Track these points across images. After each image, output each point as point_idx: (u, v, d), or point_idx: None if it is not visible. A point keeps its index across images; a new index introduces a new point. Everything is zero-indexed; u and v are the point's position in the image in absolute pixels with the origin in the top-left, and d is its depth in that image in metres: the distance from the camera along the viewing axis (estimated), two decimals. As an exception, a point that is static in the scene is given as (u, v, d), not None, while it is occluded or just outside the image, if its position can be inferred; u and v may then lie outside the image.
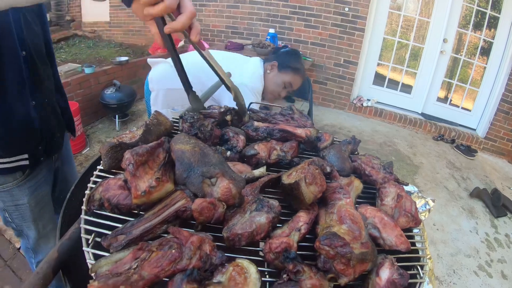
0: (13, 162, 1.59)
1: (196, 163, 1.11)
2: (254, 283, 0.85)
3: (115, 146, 1.24)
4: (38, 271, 1.02)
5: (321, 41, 6.45)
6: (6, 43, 1.40)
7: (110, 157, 1.23)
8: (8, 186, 1.65)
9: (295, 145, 1.49)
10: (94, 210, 1.11)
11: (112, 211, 1.09)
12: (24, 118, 1.55)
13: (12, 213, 1.77)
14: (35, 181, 1.75)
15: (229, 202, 1.07)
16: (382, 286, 0.97)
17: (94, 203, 1.11)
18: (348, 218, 1.05)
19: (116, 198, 1.08)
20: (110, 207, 1.08)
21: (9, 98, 1.47)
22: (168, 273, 0.88)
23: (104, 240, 0.98)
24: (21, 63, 1.47)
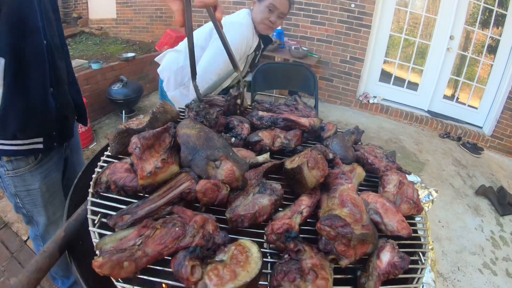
0: (28, 145, 1.63)
1: (201, 147, 1.13)
2: (255, 262, 0.86)
3: (122, 132, 1.27)
4: (44, 250, 1.05)
5: (327, 37, 6.43)
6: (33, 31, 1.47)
7: (118, 143, 1.26)
8: (20, 171, 1.69)
9: (299, 134, 1.50)
10: (100, 193, 1.14)
11: (118, 193, 1.11)
12: (42, 103, 1.60)
13: (24, 198, 1.81)
14: (47, 167, 1.79)
15: (233, 185, 1.09)
16: (382, 268, 0.99)
17: (101, 185, 1.14)
18: (349, 201, 1.07)
19: (122, 180, 1.10)
20: (117, 189, 1.11)
21: (32, 81, 1.53)
22: (171, 251, 0.91)
23: (109, 220, 1.00)
24: (44, 52, 1.53)
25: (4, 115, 1.50)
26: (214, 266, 0.85)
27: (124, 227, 0.98)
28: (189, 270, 0.82)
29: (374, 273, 0.96)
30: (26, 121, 1.57)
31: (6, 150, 1.61)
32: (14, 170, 1.68)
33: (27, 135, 1.61)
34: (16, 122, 1.54)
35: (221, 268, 0.84)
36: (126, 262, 0.84)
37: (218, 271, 0.83)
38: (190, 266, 0.82)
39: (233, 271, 0.84)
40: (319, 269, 0.88)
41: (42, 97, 1.59)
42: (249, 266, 0.86)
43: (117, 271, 0.83)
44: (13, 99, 1.49)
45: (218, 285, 0.80)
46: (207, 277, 0.82)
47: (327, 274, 0.89)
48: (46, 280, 2.70)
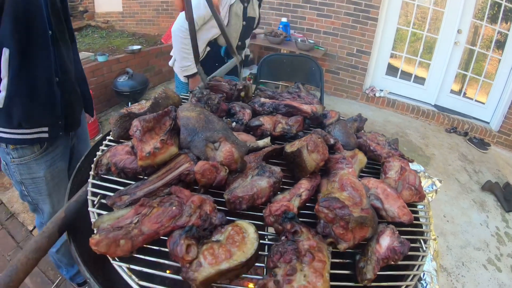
0: (34, 134, 1.65)
1: (200, 129, 1.13)
2: (251, 243, 0.86)
3: (124, 116, 1.28)
4: (44, 230, 1.05)
5: (334, 30, 6.37)
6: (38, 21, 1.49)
7: (119, 127, 1.27)
8: (26, 159, 1.71)
9: (301, 120, 1.49)
10: (101, 175, 1.15)
11: (118, 176, 1.13)
12: (47, 93, 1.62)
13: (29, 186, 1.83)
14: (52, 155, 1.81)
15: (232, 167, 1.08)
16: (382, 253, 0.97)
17: (102, 167, 1.15)
18: (349, 185, 1.05)
19: (122, 162, 1.11)
20: (117, 172, 1.12)
21: (36, 71, 1.55)
22: (167, 230, 0.91)
23: (108, 200, 1.01)
24: (48, 41, 1.55)
25: (9, 104, 1.52)
26: (209, 245, 0.85)
27: (123, 207, 0.98)
28: (184, 249, 0.81)
29: (373, 258, 0.95)
30: (31, 110, 1.59)
31: (11, 139, 1.63)
32: (19, 158, 1.70)
33: (32, 124, 1.63)
34: (21, 111, 1.56)
35: (217, 247, 0.84)
36: (123, 240, 0.84)
37: (214, 250, 0.83)
38: (186, 245, 0.82)
39: (229, 251, 0.83)
40: (316, 251, 0.87)
41: (47, 87, 1.61)
42: (245, 246, 0.85)
43: (113, 249, 0.84)
44: (18, 88, 1.52)
45: (212, 264, 0.80)
46: (202, 256, 0.82)
47: (325, 257, 0.87)
48: (51, 269, 2.74)
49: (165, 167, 1.10)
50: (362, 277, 0.92)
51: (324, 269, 0.84)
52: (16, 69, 1.47)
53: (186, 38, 2.65)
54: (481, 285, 3.16)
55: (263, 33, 6.16)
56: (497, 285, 3.19)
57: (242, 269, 0.84)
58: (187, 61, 2.77)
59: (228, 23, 2.80)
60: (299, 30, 6.58)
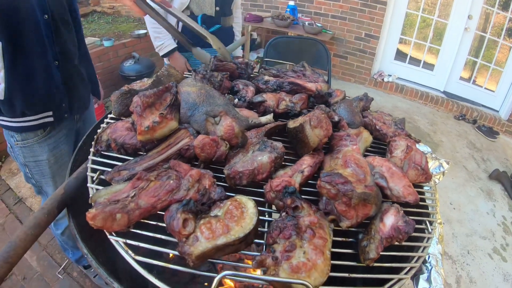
0: (39, 120, 1.67)
1: (201, 103, 1.12)
2: (250, 218, 0.84)
3: (125, 92, 1.27)
4: (43, 206, 1.05)
5: (342, 14, 6.25)
6: (23, 7, 1.46)
7: (120, 104, 1.27)
8: (29, 142, 1.73)
9: (305, 97, 1.45)
10: (101, 152, 1.15)
11: (118, 152, 1.12)
12: (47, 78, 1.62)
13: (32, 169, 1.84)
14: (55, 139, 1.81)
15: (232, 142, 1.06)
16: (385, 232, 0.94)
17: (102, 144, 1.15)
18: (353, 162, 1.02)
19: (122, 138, 1.11)
20: (117, 148, 1.11)
21: (32, 58, 1.55)
22: (164, 204, 0.89)
23: (106, 174, 1.01)
24: (40, 26, 1.53)
25: (9, 95, 1.53)
26: (207, 220, 0.83)
27: (121, 182, 0.97)
28: (180, 222, 0.80)
29: (377, 237, 0.92)
30: (32, 98, 1.60)
31: (18, 127, 1.65)
32: (23, 141, 1.71)
33: (36, 111, 1.65)
34: (22, 100, 1.57)
35: (215, 222, 0.83)
36: (119, 214, 0.83)
37: (211, 225, 0.82)
38: (182, 219, 0.81)
39: (226, 226, 0.82)
40: (317, 228, 0.85)
41: (46, 72, 1.61)
42: (243, 221, 0.83)
43: (110, 223, 0.83)
44: (16, 79, 1.52)
45: (209, 238, 0.79)
46: (199, 230, 0.81)
47: (326, 234, 0.85)
48: (58, 252, 2.76)
49: (164, 142, 1.10)
50: (365, 256, 0.89)
51: (325, 246, 0.82)
52: (11, 60, 1.47)
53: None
54: (486, 274, 3.13)
55: (270, 17, 6.09)
56: (501, 275, 3.16)
57: (240, 245, 0.83)
58: (159, 40, 2.69)
59: None
60: (306, 13, 6.47)
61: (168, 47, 2.71)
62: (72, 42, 1.77)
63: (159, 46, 2.71)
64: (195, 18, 2.69)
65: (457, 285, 2.96)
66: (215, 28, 2.81)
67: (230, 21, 3.00)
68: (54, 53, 1.62)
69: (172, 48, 2.72)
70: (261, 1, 6.82)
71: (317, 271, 0.77)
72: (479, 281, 3.05)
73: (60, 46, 1.64)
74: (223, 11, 2.84)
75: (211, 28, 2.78)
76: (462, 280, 3.02)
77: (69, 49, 1.73)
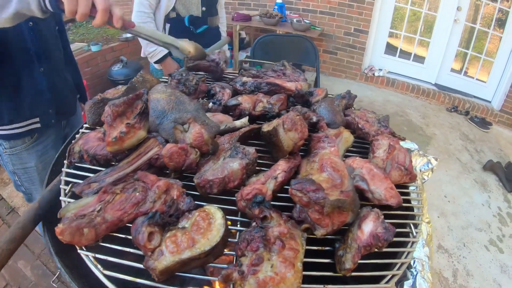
0: (26, 126, 1.67)
1: (170, 110, 1.07)
2: (217, 230, 0.81)
3: (97, 102, 1.25)
4: (19, 220, 1.03)
5: (330, 9, 6.21)
6: None
7: (93, 113, 1.25)
8: (17, 150, 1.72)
9: (283, 98, 1.40)
10: (75, 163, 1.14)
11: (91, 163, 1.11)
12: (33, 83, 1.62)
13: (21, 176, 1.83)
14: (43, 145, 1.81)
15: (203, 149, 1.02)
16: (363, 240, 0.89)
17: (74, 155, 1.13)
18: (329, 166, 0.97)
19: (93, 149, 1.09)
20: (89, 159, 1.10)
21: (16, 66, 1.54)
22: (131, 217, 0.88)
23: (76, 187, 1.00)
24: (24, 33, 1.52)
25: None
26: (173, 233, 0.82)
27: (91, 194, 0.96)
28: (145, 236, 0.79)
29: (353, 245, 0.87)
30: (18, 105, 1.59)
31: (6, 135, 1.65)
32: (11, 149, 1.71)
33: (23, 118, 1.64)
34: (9, 108, 1.57)
35: (180, 235, 0.81)
36: (86, 229, 0.83)
37: (176, 238, 0.80)
38: (147, 233, 0.80)
39: (192, 239, 0.80)
40: (288, 238, 0.80)
41: (30, 79, 1.60)
42: (210, 233, 0.81)
43: (78, 238, 0.82)
44: (1, 86, 1.52)
45: (173, 252, 0.77)
46: (164, 244, 0.79)
47: (298, 244, 0.80)
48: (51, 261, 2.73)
49: (135, 152, 1.08)
50: (341, 267, 0.85)
51: (296, 258, 0.78)
52: None
53: (145, 23, 2.58)
54: (483, 267, 3.11)
55: (258, 15, 6.05)
56: (498, 267, 3.14)
57: (207, 258, 0.81)
58: (151, 46, 2.66)
59: None
60: (294, 10, 6.43)
61: (160, 53, 2.68)
62: (57, 49, 1.76)
63: (151, 52, 2.68)
64: (181, 19, 2.70)
65: (454, 279, 2.93)
66: (202, 28, 2.81)
67: (217, 21, 3.00)
68: (39, 59, 1.61)
69: (164, 54, 2.69)
70: (249, 0, 6.78)
71: (286, 285, 0.73)
72: (476, 273, 3.02)
73: (45, 53, 1.64)
74: (209, 11, 2.85)
75: (199, 29, 2.78)
76: (458, 273, 2.99)
77: (54, 56, 1.73)
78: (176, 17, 2.71)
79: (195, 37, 2.73)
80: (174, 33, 2.69)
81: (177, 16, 2.70)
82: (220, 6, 3.06)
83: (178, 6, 2.67)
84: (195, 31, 2.78)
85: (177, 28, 2.73)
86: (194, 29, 2.77)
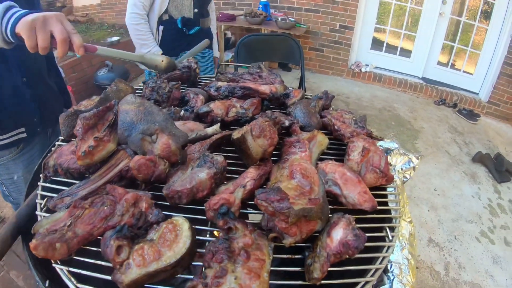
0: (12, 137, 1.65)
1: (138, 121, 1.06)
2: (184, 242, 0.81)
3: (71, 114, 1.25)
4: None
5: (315, 7, 6.22)
6: None
7: (68, 125, 1.25)
8: (3, 160, 1.70)
9: (257, 102, 1.38)
10: (51, 177, 1.15)
11: (65, 176, 1.12)
12: (14, 95, 1.59)
13: (9, 186, 1.82)
14: (29, 155, 1.79)
15: (171, 159, 1.02)
16: (333, 248, 0.87)
17: (49, 169, 1.14)
18: (299, 172, 0.95)
19: (66, 163, 1.10)
20: (63, 172, 1.11)
21: None
22: (100, 230, 0.89)
23: (49, 202, 1.00)
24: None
25: None
26: (140, 246, 0.82)
27: (63, 209, 0.96)
28: (113, 250, 0.80)
29: (322, 254, 0.86)
30: (2, 116, 1.57)
31: None
32: None
33: (7, 129, 1.62)
34: None
35: (147, 247, 0.81)
36: (58, 244, 0.84)
37: (143, 250, 0.81)
38: (116, 246, 0.81)
39: (158, 251, 0.80)
40: (254, 249, 0.79)
41: (13, 90, 1.58)
42: (176, 245, 0.81)
43: (51, 253, 0.83)
44: None
45: (140, 265, 0.78)
46: (131, 257, 0.80)
47: (264, 254, 0.79)
48: None
49: (106, 164, 1.08)
50: (310, 276, 0.83)
51: (262, 268, 0.77)
52: None
53: (138, 24, 2.59)
54: (474, 258, 3.12)
55: (242, 15, 6.04)
56: (490, 258, 3.15)
57: (175, 270, 0.80)
58: (146, 47, 2.67)
59: None
60: (279, 9, 6.43)
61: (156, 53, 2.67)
62: (39, 57, 1.70)
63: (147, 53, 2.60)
64: (174, 21, 2.71)
65: (446, 272, 2.93)
66: (195, 30, 2.82)
67: (208, 22, 3.03)
68: (21, 70, 1.59)
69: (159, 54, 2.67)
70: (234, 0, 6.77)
71: (250, 297, 0.72)
72: (468, 265, 3.04)
73: (25, 63, 1.62)
74: (201, 13, 2.86)
75: (191, 30, 2.79)
76: (450, 266, 3.00)
77: (36, 65, 1.70)
78: (169, 19, 2.72)
79: (188, 38, 2.79)
80: (167, 35, 2.77)
81: (170, 18, 2.71)
82: (211, 8, 3.07)
83: (171, 8, 2.68)
84: (187, 33, 2.79)
85: (170, 30, 2.75)
86: (186, 31, 2.78)
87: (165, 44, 2.79)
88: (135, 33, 2.63)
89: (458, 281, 2.87)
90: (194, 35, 2.82)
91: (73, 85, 4.89)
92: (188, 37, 2.80)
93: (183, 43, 2.44)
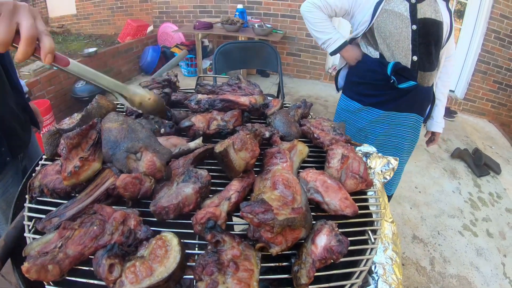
0: None
1: (122, 139, 1.07)
2: (174, 257, 0.82)
3: (53, 133, 1.24)
4: None
5: (291, 12, 6.32)
6: None
7: (51, 144, 1.24)
8: None
9: (237, 114, 1.41)
10: (37, 198, 1.12)
11: (51, 197, 1.10)
12: None
13: None
14: (3, 183, 1.70)
15: (156, 176, 1.03)
16: (317, 254, 0.91)
17: (35, 190, 1.12)
18: (281, 183, 0.99)
19: (52, 183, 1.08)
20: (49, 193, 1.09)
21: None
22: (91, 250, 0.89)
23: (38, 224, 0.99)
24: None
25: None
26: (132, 263, 0.83)
27: (52, 230, 0.96)
28: (106, 269, 0.81)
29: (308, 260, 0.89)
30: None
31: None
32: None
33: None
34: None
35: (139, 264, 0.82)
36: (50, 265, 0.83)
37: (135, 267, 0.82)
38: (108, 265, 0.81)
39: (150, 267, 0.81)
40: (242, 260, 0.82)
41: None
42: (167, 261, 0.82)
43: (44, 275, 0.83)
44: None
45: (134, 282, 0.79)
46: (124, 274, 0.81)
47: (252, 264, 0.82)
48: None
49: (92, 183, 1.07)
50: (297, 282, 0.86)
51: (251, 278, 0.80)
52: None
53: (310, 12, 2.25)
54: (459, 252, 3.21)
55: (219, 22, 6.07)
56: (474, 250, 3.24)
57: (167, 284, 0.81)
58: (326, 35, 2.30)
59: (373, 21, 2.11)
60: (256, 15, 6.50)
61: (338, 41, 2.30)
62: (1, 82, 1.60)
63: (327, 41, 2.33)
64: (385, 63, 2.17)
65: (432, 267, 3.01)
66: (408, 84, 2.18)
67: (432, 79, 2.28)
68: None
69: (342, 42, 2.30)
70: (210, 7, 6.81)
71: (243, 306, 0.75)
72: (453, 259, 3.12)
73: None
74: (422, 63, 2.15)
75: (402, 84, 2.18)
76: (435, 261, 3.08)
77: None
78: (379, 58, 2.21)
79: (396, 90, 2.22)
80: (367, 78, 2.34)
81: (380, 58, 2.20)
82: (447, 53, 2.34)
83: (381, 46, 2.15)
84: (396, 84, 2.17)
85: (375, 72, 2.26)
86: (395, 82, 2.16)
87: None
88: (307, 20, 2.31)
89: (444, 275, 2.94)
90: (404, 90, 2.20)
91: (51, 99, 4.82)
92: (396, 89, 2.20)
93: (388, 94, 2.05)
